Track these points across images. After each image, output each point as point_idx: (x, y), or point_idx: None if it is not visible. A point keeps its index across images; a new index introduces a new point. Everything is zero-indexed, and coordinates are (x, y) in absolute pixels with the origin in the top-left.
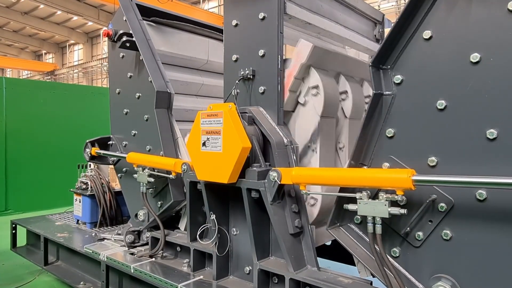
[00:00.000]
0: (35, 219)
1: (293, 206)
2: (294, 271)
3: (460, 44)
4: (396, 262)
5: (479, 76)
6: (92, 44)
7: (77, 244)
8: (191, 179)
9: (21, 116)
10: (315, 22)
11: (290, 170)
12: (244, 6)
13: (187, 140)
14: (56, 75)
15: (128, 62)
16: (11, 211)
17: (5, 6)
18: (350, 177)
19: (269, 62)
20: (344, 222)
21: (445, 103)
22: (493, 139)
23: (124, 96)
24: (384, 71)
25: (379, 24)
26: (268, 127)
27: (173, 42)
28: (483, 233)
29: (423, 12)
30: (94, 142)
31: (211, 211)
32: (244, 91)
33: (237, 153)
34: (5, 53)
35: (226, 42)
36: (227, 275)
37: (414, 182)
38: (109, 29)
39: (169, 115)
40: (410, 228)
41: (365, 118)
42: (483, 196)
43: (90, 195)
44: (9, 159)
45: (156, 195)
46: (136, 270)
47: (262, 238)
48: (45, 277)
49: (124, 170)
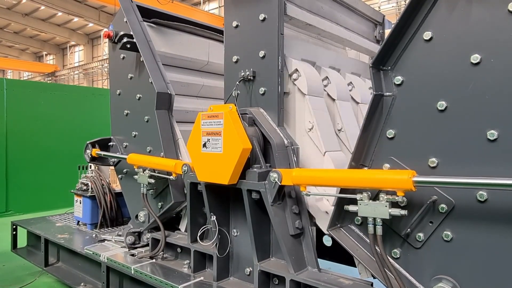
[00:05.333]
0: (36, 220)
1: (294, 207)
2: (294, 272)
3: (460, 45)
4: (397, 263)
5: (480, 77)
6: (92, 45)
7: (77, 245)
8: (191, 180)
9: (21, 117)
10: (316, 23)
11: (290, 171)
12: (244, 7)
13: (188, 141)
14: (56, 77)
15: (128, 63)
16: (12, 212)
17: (6, 8)
18: (350, 178)
19: (269, 63)
20: (345, 223)
21: (445, 104)
22: (494, 140)
23: (125, 97)
24: (384, 72)
25: (380, 25)
26: (269, 128)
27: (174, 44)
28: (484, 234)
29: (423, 13)
30: (95, 143)
31: (211, 212)
32: (245, 92)
33: (238, 154)
34: (6, 54)
35: (226, 43)
36: (228, 276)
37: (414, 183)
38: (109, 31)
39: (170, 116)
40: (410, 229)
41: (365, 119)
42: (483, 197)
43: (91, 196)
44: (9, 160)
45: (156, 196)
46: (137, 271)
47: (262, 239)
48: (45, 278)
49: (125, 171)
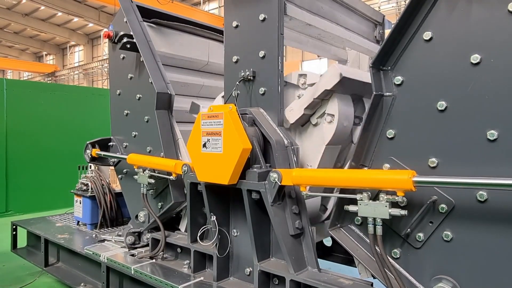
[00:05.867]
0: (36, 220)
1: (294, 207)
2: (294, 272)
3: (460, 45)
4: (397, 263)
5: (480, 77)
6: (92, 45)
7: (77, 246)
8: (191, 180)
9: (21, 117)
10: (316, 23)
11: (290, 171)
12: (244, 7)
13: (188, 141)
14: (56, 77)
15: (128, 63)
16: (12, 212)
17: (6, 8)
18: (350, 178)
19: (269, 63)
20: (345, 223)
21: (445, 104)
22: (494, 140)
23: (125, 97)
24: (384, 72)
25: (380, 25)
26: (269, 128)
27: (174, 44)
28: (484, 234)
29: (423, 13)
30: (95, 144)
31: (211, 212)
32: (245, 92)
33: (238, 154)
34: (6, 54)
35: (226, 43)
36: (228, 277)
37: (414, 183)
38: (109, 31)
39: (170, 116)
40: (410, 229)
41: (365, 119)
42: (483, 197)
43: (91, 196)
44: (9, 160)
45: (156, 196)
46: (137, 272)
47: (262, 239)
48: (45, 279)
49: (125, 172)
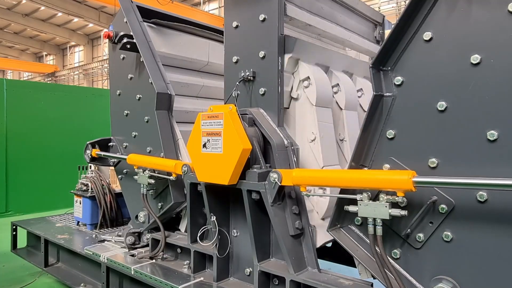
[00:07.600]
0: (36, 220)
1: (294, 208)
2: (294, 273)
3: (460, 45)
4: (397, 264)
5: (480, 78)
6: (92, 45)
7: (77, 246)
8: (191, 180)
9: (21, 117)
10: (316, 23)
11: (290, 171)
12: (244, 7)
13: (188, 142)
14: (56, 77)
15: (128, 63)
16: (12, 213)
17: (6, 8)
18: (350, 178)
19: (269, 63)
20: (345, 224)
21: (445, 105)
22: (494, 140)
23: (125, 98)
24: (384, 72)
25: (380, 26)
26: (269, 129)
27: (174, 44)
28: (484, 234)
29: (423, 14)
30: (95, 144)
31: (211, 212)
32: (245, 93)
33: (238, 154)
34: (6, 54)
35: (226, 43)
36: (228, 277)
37: (414, 184)
38: (109, 31)
39: (170, 116)
40: (410, 229)
41: (365, 119)
42: (483, 198)
43: (91, 196)
44: (9, 161)
45: (156, 197)
46: (137, 272)
47: (262, 240)
48: (45, 279)
49: (125, 172)
